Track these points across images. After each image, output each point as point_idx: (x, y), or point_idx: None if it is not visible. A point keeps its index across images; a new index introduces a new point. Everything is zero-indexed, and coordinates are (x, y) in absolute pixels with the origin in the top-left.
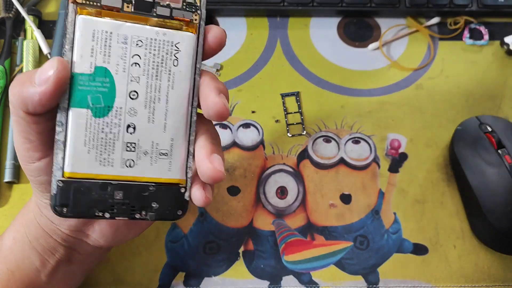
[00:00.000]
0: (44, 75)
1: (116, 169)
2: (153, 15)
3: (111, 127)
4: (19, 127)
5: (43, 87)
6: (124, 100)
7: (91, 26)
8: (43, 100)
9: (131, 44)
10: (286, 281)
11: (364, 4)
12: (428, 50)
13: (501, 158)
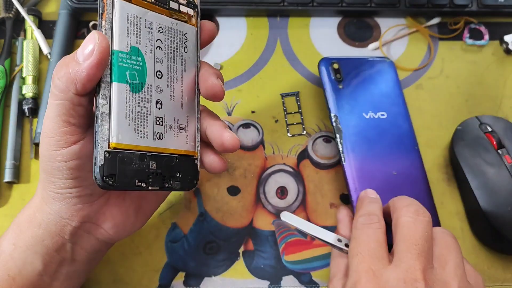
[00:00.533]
0: (87, 50)
1: (150, 141)
2: (166, 7)
3: (145, 102)
4: (62, 110)
5: (88, 61)
6: (153, 79)
7: (126, 10)
8: (91, 75)
9: (155, 30)
10: (286, 281)
11: (364, 4)
12: (428, 50)
13: (501, 158)
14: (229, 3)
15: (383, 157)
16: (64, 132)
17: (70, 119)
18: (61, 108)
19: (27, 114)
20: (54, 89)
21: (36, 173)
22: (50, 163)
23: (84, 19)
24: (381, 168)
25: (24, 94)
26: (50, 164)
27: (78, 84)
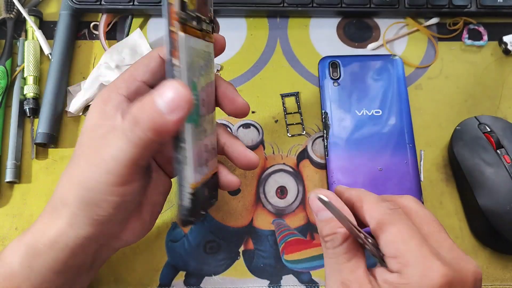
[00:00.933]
0: (171, 103)
1: (204, 170)
2: (199, 28)
3: (201, 133)
4: (135, 152)
5: (174, 116)
6: (201, 108)
7: (188, 43)
8: (175, 128)
9: (199, 57)
10: (286, 280)
11: (363, 5)
12: (428, 50)
13: (500, 158)
14: (229, 4)
15: (370, 153)
16: (131, 173)
17: (140, 161)
18: (134, 150)
19: (28, 114)
20: (129, 132)
21: (37, 173)
22: (103, 196)
23: (85, 20)
24: (366, 164)
25: (25, 94)
26: (100, 197)
27: (161, 135)
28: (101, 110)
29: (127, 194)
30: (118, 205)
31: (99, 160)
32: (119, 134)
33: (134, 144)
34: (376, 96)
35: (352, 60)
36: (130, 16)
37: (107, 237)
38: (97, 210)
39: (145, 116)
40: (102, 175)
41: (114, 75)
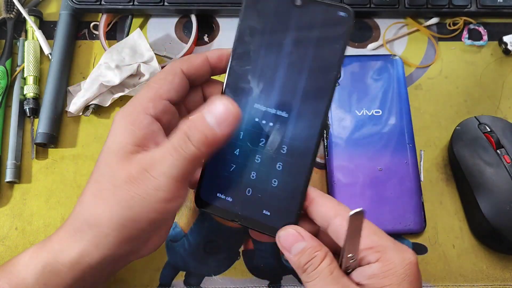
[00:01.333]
0: (223, 119)
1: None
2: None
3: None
4: (187, 168)
5: (224, 130)
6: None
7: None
8: (225, 140)
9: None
10: (286, 280)
11: (363, 5)
12: (428, 50)
13: (500, 158)
14: (229, 4)
15: (370, 153)
16: (180, 188)
17: (190, 175)
18: (186, 164)
19: (28, 114)
20: (181, 148)
21: (37, 173)
22: (145, 214)
23: (85, 20)
24: (365, 164)
25: (25, 94)
26: (142, 216)
27: (212, 147)
28: (131, 133)
29: (170, 211)
30: (154, 222)
31: (145, 178)
32: (169, 150)
33: (185, 159)
34: (376, 96)
35: (352, 60)
36: (130, 16)
37: (130, 254)
38: (132, 230)
39: (197, 132)
40: (150, 192)
41: (114, 75)
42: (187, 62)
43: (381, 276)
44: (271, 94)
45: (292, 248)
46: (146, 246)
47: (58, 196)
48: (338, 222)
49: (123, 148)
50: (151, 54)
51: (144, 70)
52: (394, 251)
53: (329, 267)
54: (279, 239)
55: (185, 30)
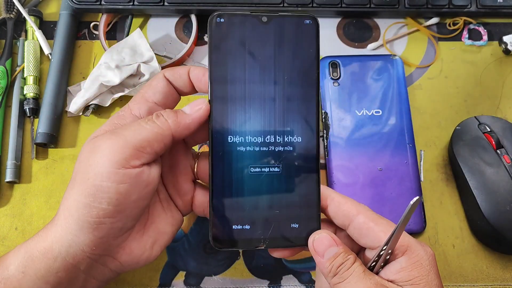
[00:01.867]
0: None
1: None
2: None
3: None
4: (149, 136)
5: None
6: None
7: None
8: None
9: None
10: (286, 280)
11: (363, 5)
12: (428, 50)
13: (500, 158)
14: (229, 4)
15: (370, 153)
16: (135, 155)
17: (149, 148)
18: (150, 135)
19: (28, 114)
20: (156, 119)
21: (37, 173)
22: (101, 183)
23: (85, 20)
24: (366, 164)
25: (25, 94)
26: (99, 185)
27: (180, 127)
28: (113, 125)
29: (122, 181)
30: (114, 198)
31: (105, 146)
32: (134, 123)
33: (155, 128)
34: (376, 96)
35: (352, 60)
36: (130, 16)
37: (102, 251)
38: (94, 205)
39: (169, 111)
40: (106, 156)
41: (114, 75)
42: (170, 70)
43: (410, 268)
44: (259, 111)
45: (326, 253)
46: (122, 251)
47: (58, 196)
48: (361, 220)
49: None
50: (151, 54)
51: (144, 70)
52: (418, 245)
53: (361, 266)
54: (313, 244)
55: (185, 30)
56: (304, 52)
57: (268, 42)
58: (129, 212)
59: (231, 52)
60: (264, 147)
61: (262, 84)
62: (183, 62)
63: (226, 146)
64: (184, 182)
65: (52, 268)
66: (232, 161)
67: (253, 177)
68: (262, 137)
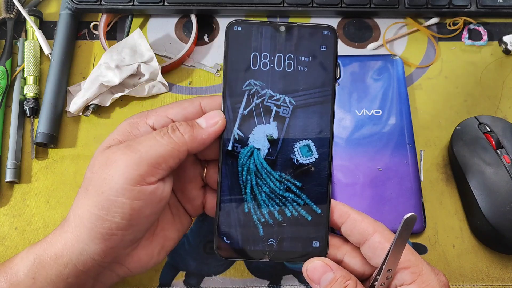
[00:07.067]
0: (211, 117)
1: None
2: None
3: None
4: (167, 153)
5: (211, 128)
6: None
7: None
8: (211, 138)
9: None
10: (286, 280)
11: (363, 5)
12: (428, 50)
13: (500, 158)
14: (229, 4)
15: (370, 153)
16: (151, 172)
17: (164, 164)
18: (166, 151)
19: (28, 114)
20: (164, 134)
21: (37, 173)
22: (115, 198)
23: (85, 20)
24: (365, 164)
25: (25, 94)
26: (114, 200)
27: (196, 142)
28: (127, 134)
29: (137, 198)
30: (127, 213)
31: (121, 161)
32: (153, 134)
33: (161, 144)
34: (376, 96)
35: (352, 60)
36: (130, 16)
37: (111, 259)
38: (108, 218)
39: (184, 124)
40: (123, 172)
41: (114, 75)
42: (209, 99)
43: None
44: (272, 123)
45: (321, 280)
46: (131, 258)
47: (58, 196)
48: (377, 239)
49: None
50: (151, 54)
51: (144, 70)
52: (430, 273)
53: None
54: (306, 273)
55: (185, 30)
56: (321, 64)
57: (285, 52)
58: (141, 226)
59: (247, 61)
60: (292, 160)
61: (295, 103)
62: (183, 62)
63: (253, 157)
64: (193, 189)
65: (62, 274)
66: (240, 172)
67: (279, 190)
68: (272, 149)
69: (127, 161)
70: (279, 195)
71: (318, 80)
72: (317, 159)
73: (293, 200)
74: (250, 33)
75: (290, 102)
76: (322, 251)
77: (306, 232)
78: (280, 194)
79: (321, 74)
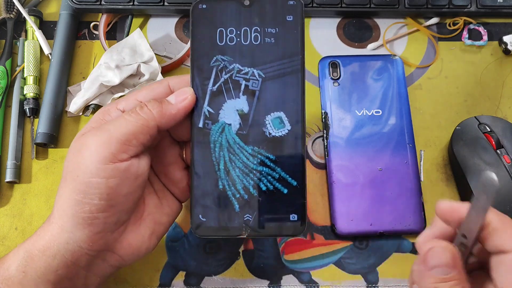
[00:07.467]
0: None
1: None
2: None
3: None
4: (135, 129)
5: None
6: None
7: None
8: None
9: None
10: (286, 280)
11: (363, 5)
12: (428, 50)
13: (500, 158)
14: None
15: (370, 153)
16: (122, 149)
17: (135, 140)
18: (135, 127)
19: (28, 114)
20: (140, 111)
21: (37, 173)
22: (89, 180)
23: (85, 20)
24: (366, 164)
25: (25, 94)
26: (89, 181)
27: (164, 118)
28: (99, 121)
29: (111, 175)
30: (104, 193)
31: (92, 142)
32: (119, 117)
33: (130, 121)
34: (376, 96)
35: (352, 60)
36: (130, 16)
37: (100, 247)
38: (86, 201)
39: (152, 102)
40: (93, 152)
41: (114, 75)
42: (177, 79)
43: None
44: (241, 96)
45: (434, 270)
46: (120, 244)
47: None
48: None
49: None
50: (151, 54)
51: (144, 70)
52: None
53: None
54: (427, 251)
55: (185, 30)
56: (289, 34)
57: (251, 24)
58: (122, 206)
59: (214, 38)
60: (264, 134)
61: (264, 76)
62: (183, 62)
63: (225, 133)
64: (176, 171)
65: (51, 266)
66: (212, 149)
67: (253, 164)
68: (244, 124)
69: (98, 141)
70: (253, 170)
71: (286, 51)
72: (289, 130)
73: (268, 173)
74: (215, 10)
75: (259, 75)
76: (299, 225)
77: (282, 206)
78: (254, 168)
79: (289, 45)
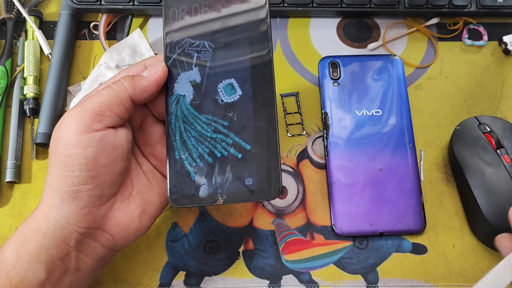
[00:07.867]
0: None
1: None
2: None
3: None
4: (108, 100)
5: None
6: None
7: None
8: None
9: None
10: (286, 280)
11: (363, 5)
12: (428, 50)
13: (500, 158)
14: None
15: (370, 153)
16: (96, 119)
17: (109, 111)
18: (108, 99)
19: (28, 114)
20: (113, 85)
21: (37, 173)
22: (68, 151)
23: (85, 20)
24: (366, 164)
25: (25, 94)
26: (67, 153)
27: (136, 89)
28: (80, 102)
29: (87, 145)
30: (83, 164)
31: (68, 118)
32: (104, 85)
33: (103, 94)
34: (376, 96)
35: (352, 60)
36: (130, 16)
37: (88, 223)
38: (67, 174)
39: (125, 77)
40: (68, 124)
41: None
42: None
43: None
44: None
45: None
46: (109, 222)
47: None
48: None
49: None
50: (151, 54)
51: None
52: None
53: None
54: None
55: None
56: (237, 4)
57: (220, 4)
58: (103, 178)
59: (184, 18)
60: (217, 102)
61: (214, 46)
62: None
63: (180, 105)
64: (162, 150)
65: (42, 245)
66: (186, 118)
67: (207, 132)
68: (197, 94)
69: (73, 115)
70: (207, 138)
71: (234, 20)
72: (241, 96)
73: (222, 140)
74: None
75: (210, 46)
76: (267, 188)
77: (256, 170)
78: (209, 136)
79: (237, 14)
